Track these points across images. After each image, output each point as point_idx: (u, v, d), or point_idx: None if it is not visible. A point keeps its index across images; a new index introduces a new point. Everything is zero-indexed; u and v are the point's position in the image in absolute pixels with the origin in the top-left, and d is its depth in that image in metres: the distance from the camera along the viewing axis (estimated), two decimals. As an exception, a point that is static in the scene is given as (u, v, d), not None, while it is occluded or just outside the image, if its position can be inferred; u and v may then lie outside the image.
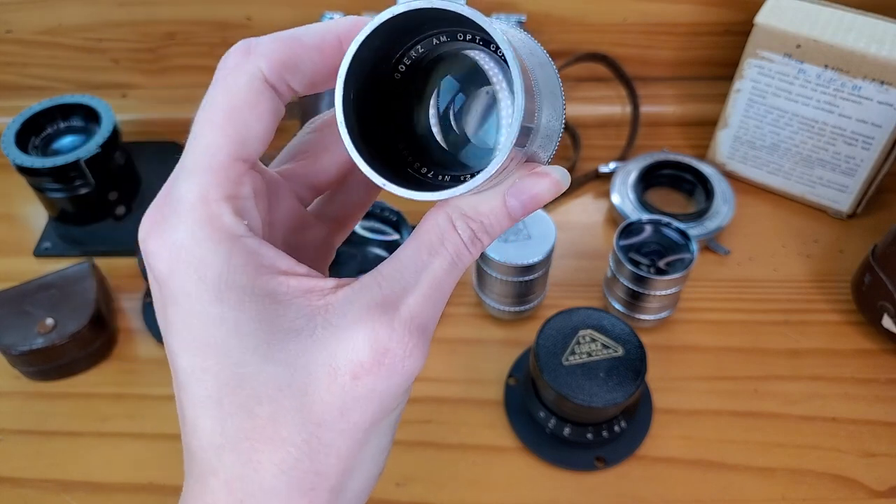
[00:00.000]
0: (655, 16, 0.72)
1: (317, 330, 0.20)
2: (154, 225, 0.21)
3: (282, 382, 0.20)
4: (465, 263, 0.22)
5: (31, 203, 0.67)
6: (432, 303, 0.21)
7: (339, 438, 0.21)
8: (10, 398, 0.56)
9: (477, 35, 0.21)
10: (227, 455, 0.20)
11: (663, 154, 0.69)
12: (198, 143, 0.21)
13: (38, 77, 0.77)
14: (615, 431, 0.50)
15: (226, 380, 0.20)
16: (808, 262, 0.63)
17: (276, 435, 0.20)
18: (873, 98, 0.59)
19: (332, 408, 0.20)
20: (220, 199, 0.21)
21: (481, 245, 0.22)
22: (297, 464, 0.20)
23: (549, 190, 0.22)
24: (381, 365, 0.20)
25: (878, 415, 0.53)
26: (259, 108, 0.21)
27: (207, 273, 0.20)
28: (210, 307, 0.20)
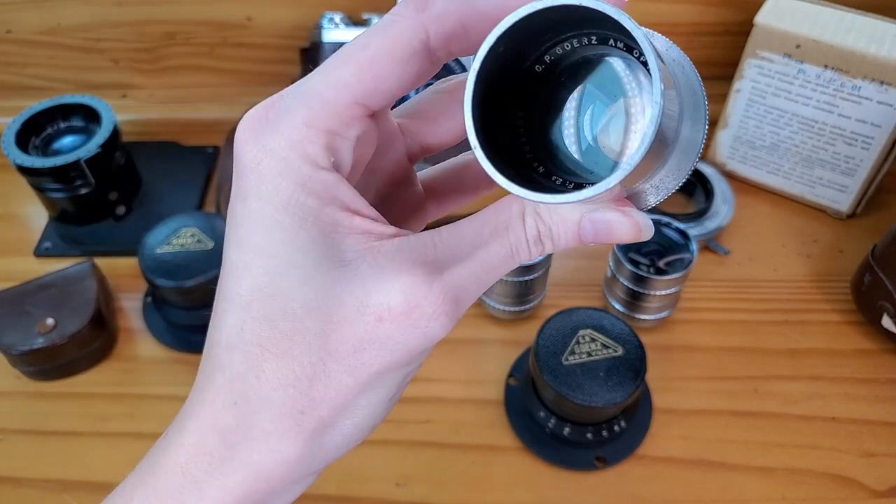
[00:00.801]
0: (655, 16, 0.72)
1: (362, 266, 0.21)
2: (256, 121, 0.22)
3: (311, 304, 0.21)
4: (520, 259, 0.22)
5: (32, 203, 0.67)
6: (476, 281, 0.22)
7: (343, 373, 0.21)
8: (10, 398, 0.56)
9: (629, 46, 0.20)
10: (237, 355, 0.21)
11: (663, 154, 0.69)
12: (329, 72, 0.22)
13: (37, 77, 0.77)
14: (615, 431, 0.50)
15: (261, 285, 0.21)
16: (808, 262, 0.63)
17: (288, 351, 0.21)
18: (873, 98, 0.59)
19: (347, 341, 0.21)
20: (320, 129, 0.21)
21: (542, 249, 0.22)
22: (297, 383, 0.21)
23: (629, 232, 0.21)
24: (406, 316, 0.20)
25: (877, 415, 0.53)
26: (406, 68, 0.21)
27: (283, 184, 0.21)
28: (275, 212, 0.21)
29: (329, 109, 0.21)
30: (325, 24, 0.66)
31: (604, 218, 0.21)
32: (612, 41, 0.20)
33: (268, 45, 0.74)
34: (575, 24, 0.20)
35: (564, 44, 0.21)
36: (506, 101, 0.21)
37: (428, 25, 0.21)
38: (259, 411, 0.21)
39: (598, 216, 0.21)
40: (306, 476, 0.23)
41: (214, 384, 0.22)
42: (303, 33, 0.73)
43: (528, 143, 0.22)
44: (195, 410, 0.22)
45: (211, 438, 0.22)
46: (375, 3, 0.69)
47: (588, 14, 0.19)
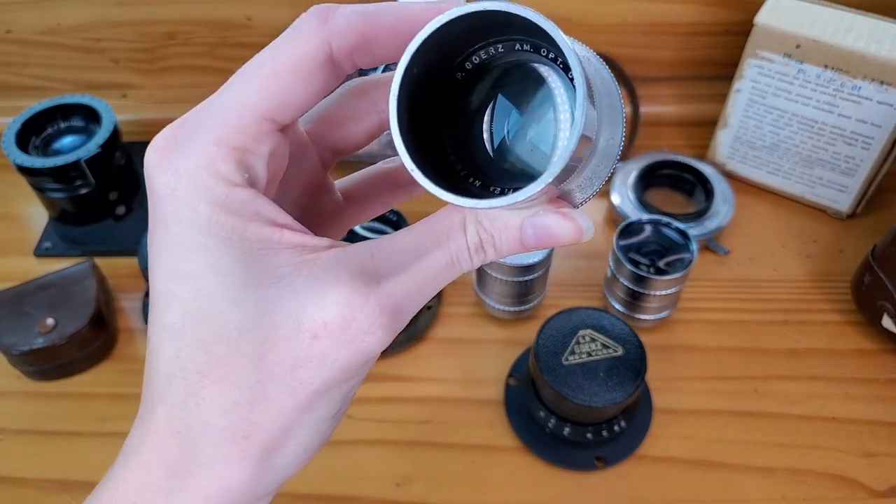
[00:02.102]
0: (655, 16, 0.72)
1: (297, 280, 0.20)
2: (165, 145, 0.21)
3: (245, 325, 0.20)
4: (461, 268, 0.22)
5: (32, 203, 0.67)
6: (416, 292, 0.21)
7: (283, 394, 0.20)
8: (10, 398, 0.56)
9: (550, 52, 0.20)
10: (176, 384, 0.21)
11: (663, 154, 0.69)
12: (238, 88, 0.22)
13: (37, 77, 0.77)
14: (615, 431, 0.50)
15: (192, 311, 0.20)
16: (808, 262, 0.63)
17: (226, 375, 0.20)
18: (873, 98, 0.59)
19: (284, 361, 0.20)
20: (230, 147, 0.21)
21: (483, 257, 0.22)
22: (237, 408, 0.20)
23: (569, 235, 0.21)
24: (342, 332, 0.20)
25: (877, 415, 0.53)
26: (311, 81, 0.21)
27: (200, 206, 0.20)
28: (197, 236, 0.20)
29: (238, 127, 0.21)
30: (324, 24, 0.66)
31: (544, 222, 0.21)
32: (520, 45, 0.21)
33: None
34: (498, 30, 0.21)
35: (489, 49, 0.21)
36: (431, 111, 0.21)
37: (330, 38, 0.21)
38: (202, 439, 0.21)
39: (539, 220, 0.21)
40: (259, 499, 0.22)
41: (156, 415, 0.21)
42: (303, 33, 0.72)
43: (454, 153, 0.23)
44: (139, 444, 0.22)
45: (158, 471, 0.21)
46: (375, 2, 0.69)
47: (510, 20, 0.19)
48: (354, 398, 0.23)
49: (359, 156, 0.67)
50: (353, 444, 0.52)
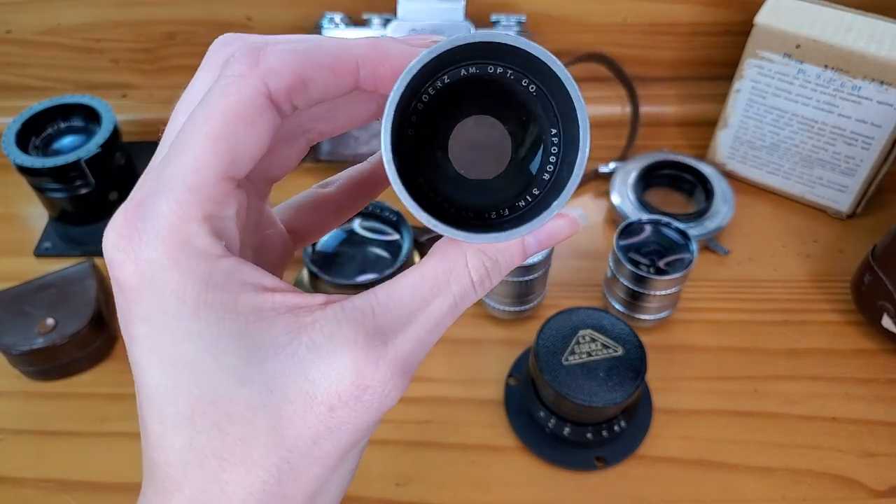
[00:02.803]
0: (655, 16, 0.72)
1: (300, 349, 0.19)
2: (124, 237, 0.20)
3: (256, 403, 0.19)
4: (467, 304, 0.22)
5: (32, 203, 0.67)
6: (423, 342, 0.21)
7: (310, 466, 0.20)
8: (10, 398, 0.56)
9: (519, 72, 0.21)
10: (194, 471, 0.20)
11: (663, 154, 0.69)
12: (184, 155, 0.20)
13: (37, 77, 0.77)
14: (615, 431, 0.50)
15: (198, 397, 0.19)
16: (808, 262, 0.63)
17: (247, 457, 0.20)
18: (873, 98, 0.59)
19: (305, 435, 0.20)
20: (200, 219, 0.20)
21: (490, 284, 0.22)
22: (266, 486, 0.20)
23: (568, 231, 0.22)
24: (358, 400, 0.20)
25: (877, 415, 0.53)
26: (257, 127, 0.20)
27: (186, 292, 0.19)
28: (187, 323, 0.19)
29: (200, 195, 0.20)
30: (325, 24, 0.66)
31: (543, 227, 0.21)
32: (491, 67, 0.21)
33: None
34: (478, 56, 0.20)
35: (445, 76, 0.21)
36: (406, 146, 0.21)
37: (266, 80, 0.20)
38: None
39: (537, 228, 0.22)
40: None
41: (174, 503, 0.20)
42: (303, 33, 0.72)
43: (423, 175, 0.22)
44: None
45: None
46: (375, 2, 0.69)
47: (499, 48, 0.19)
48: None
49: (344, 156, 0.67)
50: (354, 444, 0.52)
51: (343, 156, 0.68)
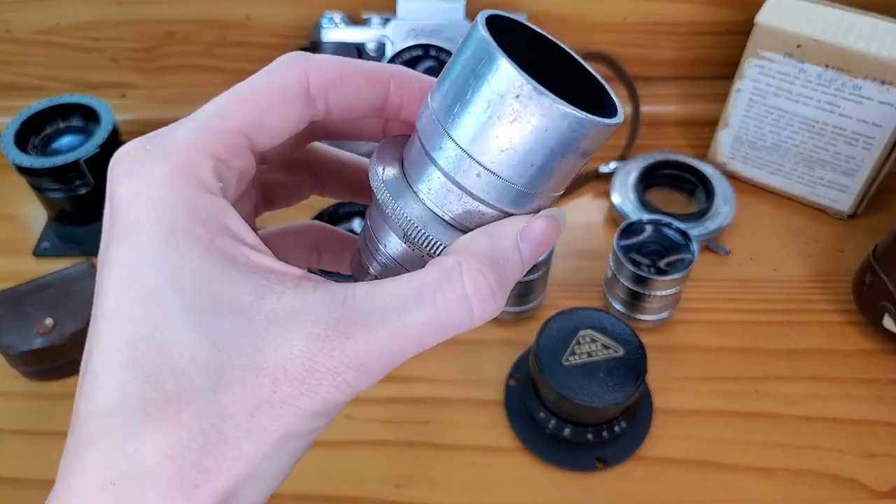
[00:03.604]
0: (656, 15, 0.72)
1: (258, 316, 0.19)
2: (132, 155, 0.20)
3: (200, 357, 0.18)
4: (459, 323, 0.19)
5: (31, 203, 0.67)
6: (390, 352, 0.19)
7: (244, 440, 0.18)
8: (9, 398, 0.56)
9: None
10: (114, 422, 0.18)
11: (664, 154, 0.69)
12: (216, 104, 0.21)
13: (36, 77, 0.77)
14: (615, 432, 0.50)
15: (144, 335, 0.18)
16: (809, 263, 0.63)
17: (175, 416, 0.18)
18: (874, 98, 0.58)
19: (242, 405, 0.18)
20: (207, 154, 0.20)
21: (493, 304, 0.20)
22: (187, 453, 0.18)
23: (555, 235, 0.21)
24: (305, 382, 0.19)
25: (878, 415, 0.53)
26: (287, 107, 0.21)
27: (167, 212, 0.19)
28: (157, 247, 0.19)
29: (216, 136, 0.20)
30: (324, 23, 0.66)
31: (534, 234, 0.21)
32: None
33: (267, 44, 0.74)
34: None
35: None
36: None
37: (309, 72, 0.21)
38: (143, 491, 0.18)
39: (529, 235, 0.21)
40: None
41: (83, 465, 0.18)
42: (303, 33, 0.72)
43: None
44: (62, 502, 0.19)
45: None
46: (375, 2, 0.69)
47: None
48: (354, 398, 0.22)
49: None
50: (353, 444, 0.52)
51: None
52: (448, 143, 0.20)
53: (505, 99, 0.19)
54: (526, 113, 0.19)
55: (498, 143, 0.20)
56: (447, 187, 0.21)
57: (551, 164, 0.20)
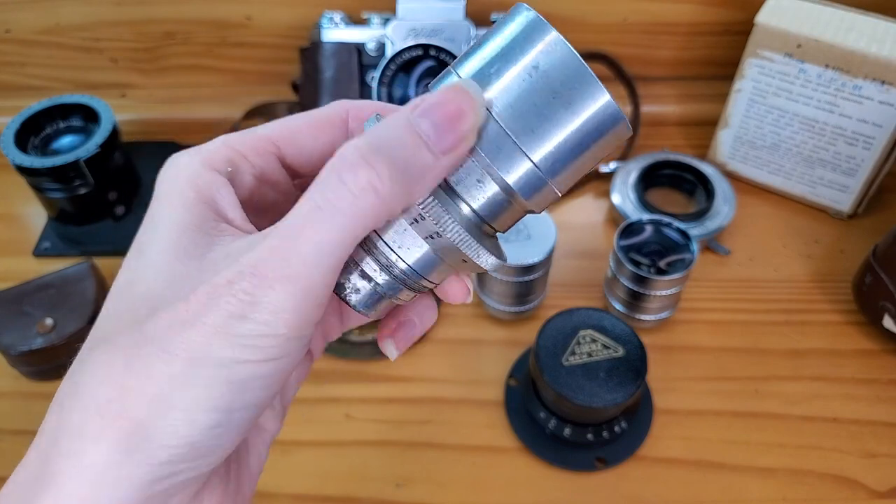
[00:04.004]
0: (656, 15, 0.72)
1: (205, 261, 0.21)
2: (180, 153, 0.24)
3: (151, 295, 0.21)
4: (348, 215, 0.19)
5: (31, 203, 0.67)
6: (279, 254, 0.19)
7: (156, 357, 0.19)
8: (9, 398, 0.56)
9: None
10: (83, 351, 0.21)
11: (664, 154, 0.69)
12: (267, 124, 0.24)
13: (36, 77, 0.77)
14: (615, 432, 0.50)
15: (132, 277, 0.22)
16: (809, 263, 0.63)
17: (114, 339, 0.20)
18: (874, 98, 0.58)
19: (161, 327, 0.20)
20: (230, 146, 0.23)
21: (380, 184, 0.19)
22: (112, 371, 0.20)
23: (463, 104, 0.20)
24: (210, 297, 0.19)
25: (879, 415, 0.53)
26: (321, 131, 0.25)
27: (179, 182, 0.22)
28: (167, 208, 0.22)
29: (243, 137, 0.24)
30: (324, 23, 0.66)
31: (430, 105, 0.20)
32: None
33: (267, 44, 0.74)
34: None
35: None
36: None
37: (350, 108, 0.25)
38: (73, 406, 0.20)
39: (425, 106, 0.20)
40: (144, 486, 0.19)
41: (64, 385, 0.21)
42: (303, 33, 0.72)
43: None
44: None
45: (38, 442, 0.21)
46: (375, 2, 0.69)
47: None
48: (354, 398, 0.23)
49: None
50: (354, 444, 0.52)
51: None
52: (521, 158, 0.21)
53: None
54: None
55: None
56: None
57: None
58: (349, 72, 0.66)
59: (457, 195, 0.22)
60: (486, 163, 0.21)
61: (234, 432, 0.21)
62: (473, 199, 0.22)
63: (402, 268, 0.22)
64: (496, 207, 0.22)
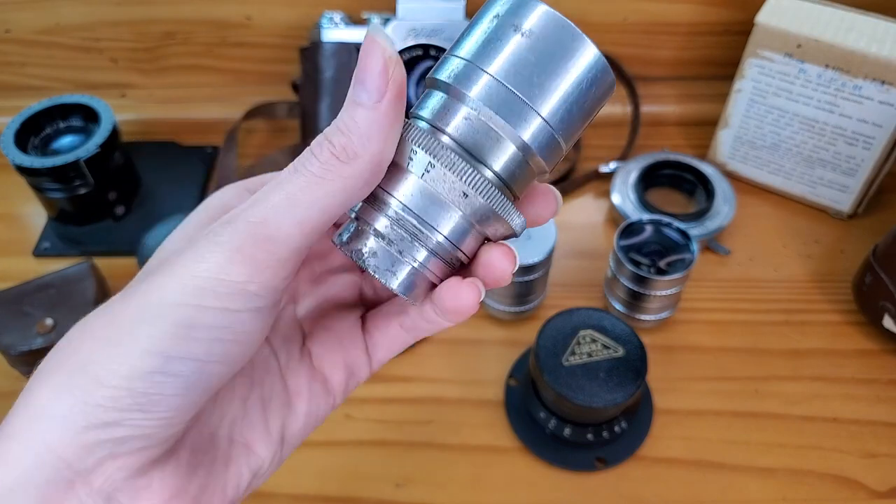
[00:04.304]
0: (656, 15, 0.72)
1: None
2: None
3: (150, 268, 0.23)
4: (311, 169, 0.21)
5: (31, 203, 0.67)
6: (251, 231, 0.21)
7: (118, 304, 0.21)
8: (9, 399, 0.55)
9: None
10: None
11: (664, 154, 0.69)
12: None
13: (36, 77, 0.77)
14: (615, 432, 0.50)
15: (159, 259, 0.24)
16: (809, 263, 0.63)
17: (114, 300, 0.22)
18: (874, 98, 0.58)
19: (144, 281, 0.21)
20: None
21: (332, 149, 0.21)
22: (105, 325, 0.21)
23: (377, 52, 0.21)
24: (191, 245, 0.21)
25: (879, 415, 0.53)
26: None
27: (213, 200, 0.26)
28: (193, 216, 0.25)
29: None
30: (324, 23, 0.66)
31: (362, 69, 0.21)
32: None
33: (267, 44, 0.74)
34: None
35: None
36: None
37: None
38: (48, 358, 0.21)
39: (360, 75, 0.21)
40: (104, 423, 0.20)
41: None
42: (302, 32, 0.72)
43: None
44: None
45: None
46: (375, 2, 0.69)
47: None
48: (354, 398, 0.23)
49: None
50: (354, 444, 0.52)
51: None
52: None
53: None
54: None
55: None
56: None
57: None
58: (349, 72, 0.66)
59: (478, 160, 0.23)
60: (501, 124, 0.22)
61: (175, 387, 0.20)
62: (495, 162, 0.23)
63: (412, 221, 0.23)
64: (515, 168, 0.23)
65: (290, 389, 0.26)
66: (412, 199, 0.22)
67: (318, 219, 0.21)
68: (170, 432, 0.21)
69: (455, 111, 0.23)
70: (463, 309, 0.24)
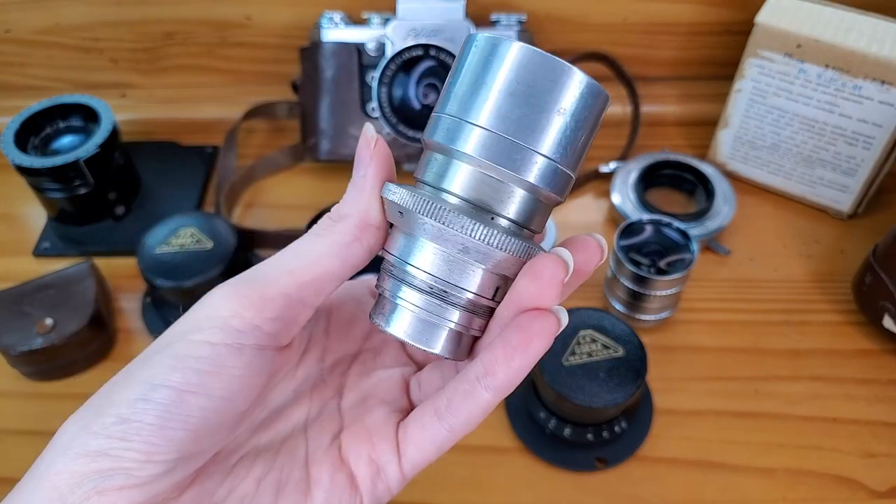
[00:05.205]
0: (656, 16, 0.72)
1: None
2: None
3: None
4: (314, 231, 0.25)
5: (31, 203, 0.67)
6: (262, 294, 0.24)
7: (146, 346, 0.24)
8: (9, 398, 0.56)
9: None
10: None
11: (664, 154, 0.69)
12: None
13: (36, 77, 0.77)
14: (615, 432, 0.50)
15: None
16: (809, 263, 0.63)
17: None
18: (874, 98, 0.58)
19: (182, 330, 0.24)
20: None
21: (339, 208, 0.25)
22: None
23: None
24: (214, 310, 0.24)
25: (878, 415, 0.53)
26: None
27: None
28: None
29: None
30: (324, 23, 0.66)
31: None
32: None
33: (267, 44, 0.74)
34: None
35: None
36: None
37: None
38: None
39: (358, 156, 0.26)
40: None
41: None
42: (302, 32, 0.72)
43: None
44: None
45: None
46: (375, 2, 0.69)
47: None
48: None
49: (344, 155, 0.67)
50: (353, 444, 0.52)
51: (342, 155, 0.68)
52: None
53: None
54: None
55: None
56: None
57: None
58: (349, 72, 0.66)
59: (489, 211, 0.23)
60: (503, 172, 0.22)
61: (154, 415, 0.21)
62: (507, 209, 0.23)
63: (438, 287, 0.24)
64: (528, 209, 0.23)
65: (311, 477, 0.25)
66: (434, 266, 0.23)
67: (310, 268, 0.24)
68: (149, 471, 0.21)
69: (455, 169, 0.23)
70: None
